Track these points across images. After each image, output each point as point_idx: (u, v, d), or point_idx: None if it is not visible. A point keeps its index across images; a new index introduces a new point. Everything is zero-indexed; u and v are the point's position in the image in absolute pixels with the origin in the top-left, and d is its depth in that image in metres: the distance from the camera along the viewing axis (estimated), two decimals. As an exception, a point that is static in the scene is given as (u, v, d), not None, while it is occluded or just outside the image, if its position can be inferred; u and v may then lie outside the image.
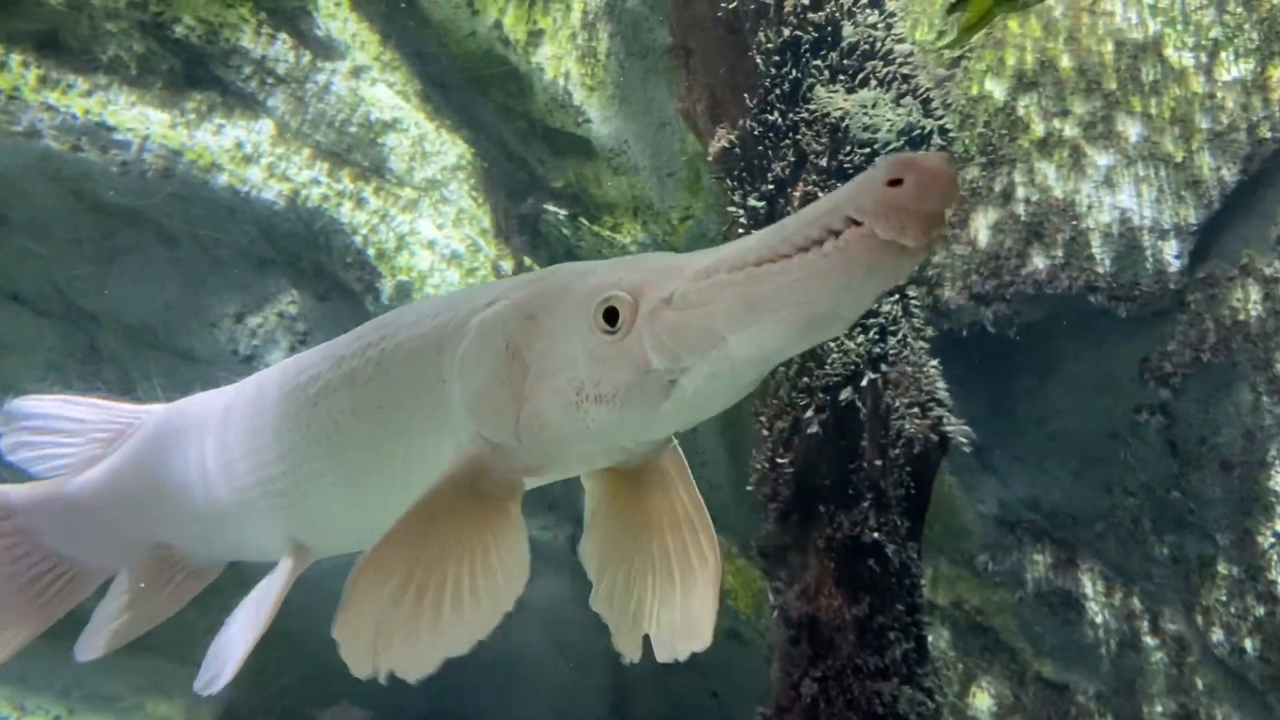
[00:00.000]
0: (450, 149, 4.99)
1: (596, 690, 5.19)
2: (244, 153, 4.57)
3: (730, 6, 3.90)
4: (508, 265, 5.08)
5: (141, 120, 4.40)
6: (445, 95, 5.08)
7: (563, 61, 4.92)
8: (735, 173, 3.97)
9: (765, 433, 3.87)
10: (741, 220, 3.91)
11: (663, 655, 1.75)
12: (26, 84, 4.25)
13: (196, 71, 4.59)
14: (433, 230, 4.88)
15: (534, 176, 5.15)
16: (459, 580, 1.55)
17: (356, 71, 4.80)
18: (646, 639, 1.78)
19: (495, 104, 5.07)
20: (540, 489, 5.23)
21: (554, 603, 5.07)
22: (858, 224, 1.24)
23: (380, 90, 4.84)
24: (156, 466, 2.30)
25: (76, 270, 4.58)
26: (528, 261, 5.12)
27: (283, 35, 4.66)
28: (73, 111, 4.30)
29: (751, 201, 3.90)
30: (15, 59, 4.25)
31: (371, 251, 4.74)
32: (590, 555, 1.76)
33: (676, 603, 1.75)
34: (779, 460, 3.81)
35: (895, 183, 1.21)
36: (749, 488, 3.91)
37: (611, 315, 1.48)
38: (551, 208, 5.09)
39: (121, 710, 4.86)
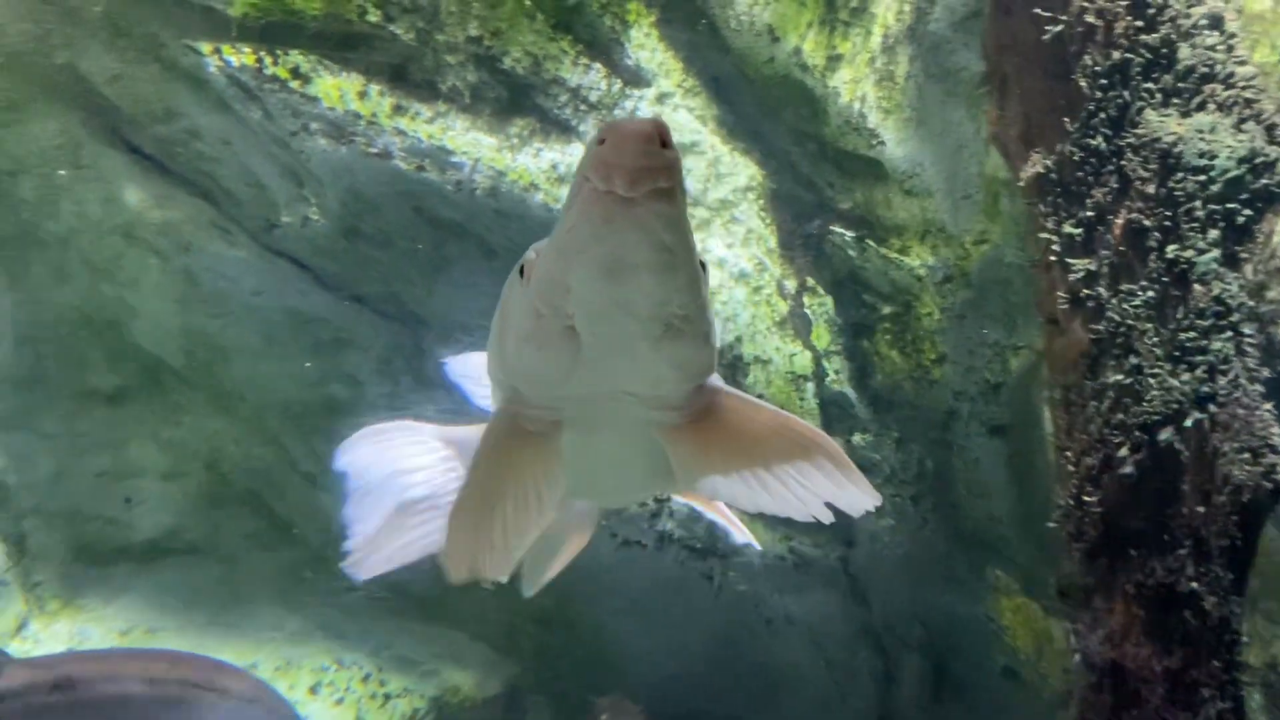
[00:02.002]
0: (742, 171, 5.17)
1: (860, 712, 5.19)
2: (558, 173, 4.95)
3: (1055, 30, 3.82)
4: (791, 285, 5.19)
5: (474, 144, 4.87)
6: (738, 119, 5.27)
7: (860, 85, 4.98)
8: (1050, 199, 3.87)
9: (1071, 468, 3.75)
10: (1055, 248, 3.82)
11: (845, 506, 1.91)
12: (383, 111, 4.82)
13: (520, 99, 5.01)
14: (723, 249, 5.07)
15: (821, 198, 5.23)
16: (519, 500, 1.93)
17: (661, 98, 5.08)
18: None
19: (787, 127, 5.20)
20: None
21: (822, 618, 5.12)
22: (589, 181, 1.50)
23: (682, 115, 5.09)
24: None
25: (410, 277, 5.13)
26: (810, 282, 5.21)
27: (597, 65, 5.01)
28: (419, 136, 4.82)
29: (1067, 228, 3.80)
30: (374, 89, 4.83)
31: (666, 267, 4.99)
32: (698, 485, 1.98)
33: (819, 479, 1.93)
34: (1086, 498, 3.68)
35: (602, 142, 1.46)
36: (1051, 524, 3.80)
37: (523, 270, 1.79)
38: (838, 229, 5.15)
39: (422, 674, 5.36)
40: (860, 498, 1.91)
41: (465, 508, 1.91)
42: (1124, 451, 3.59)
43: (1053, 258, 3.83)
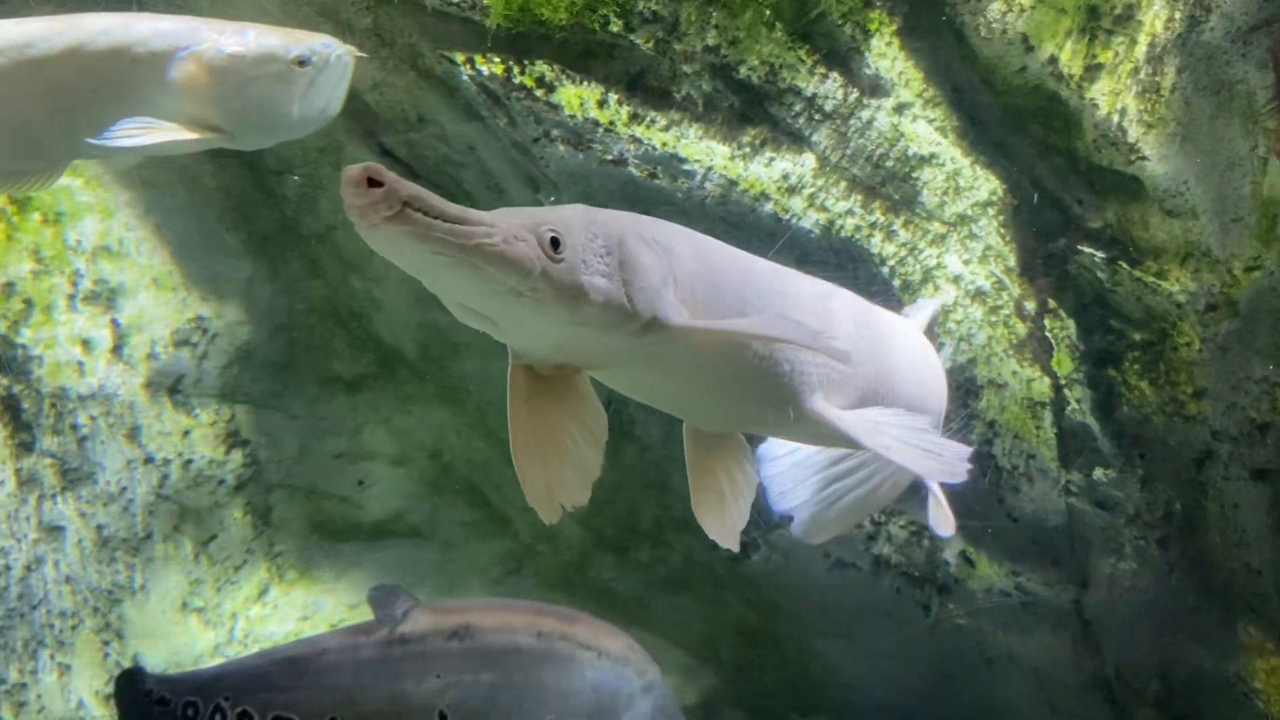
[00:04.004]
0: (983, 185, 4.96)
1: (1085, 764, 4.87)
2: (789, 183, 4.90)
3: (1373, 38, 3.45)
4: (1031, 306, 4.93)
5: (707, 153, 4.88)
6: (980, 131, 5.06)
7: (1120, 97, 4.67)
8: (1356, 225, 3.50)
9: (1371, 524, 3.37)
10: (1361, 279, 3.45)
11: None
12: (620, 119, 4.91)
13: (752, 109, 4.99)
14: (959, 265, 4.88)
15: (1067, 216, 4.95)
16: (571, 435, 2.26)
17: (899, 108, 4.93)
18: None
19: (1034, 140, 4.95)
20: (1044, 544, 4.94)
21: (1048, 660, 4.85)
22: None
23: (920, 126, 4.93)
24: None
25: (635, 282, 5.20)
26: (1052, 304, 4.94)
27: (834, 75, 4.92)
28: (653, 144, 4.88)
29: (1376, 258, 3.42)
30: (613, 97, 4.92)
31: (897, 283, 4.85)
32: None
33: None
34: (1388, 558, 3.30)
35: None
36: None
37: None
38: (1086, 249, 4.85)
39: (622, 675, 5.42)
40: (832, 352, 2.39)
41: (517, 452, 2.26)
42: None
43: (1357, 290, 3.46)
